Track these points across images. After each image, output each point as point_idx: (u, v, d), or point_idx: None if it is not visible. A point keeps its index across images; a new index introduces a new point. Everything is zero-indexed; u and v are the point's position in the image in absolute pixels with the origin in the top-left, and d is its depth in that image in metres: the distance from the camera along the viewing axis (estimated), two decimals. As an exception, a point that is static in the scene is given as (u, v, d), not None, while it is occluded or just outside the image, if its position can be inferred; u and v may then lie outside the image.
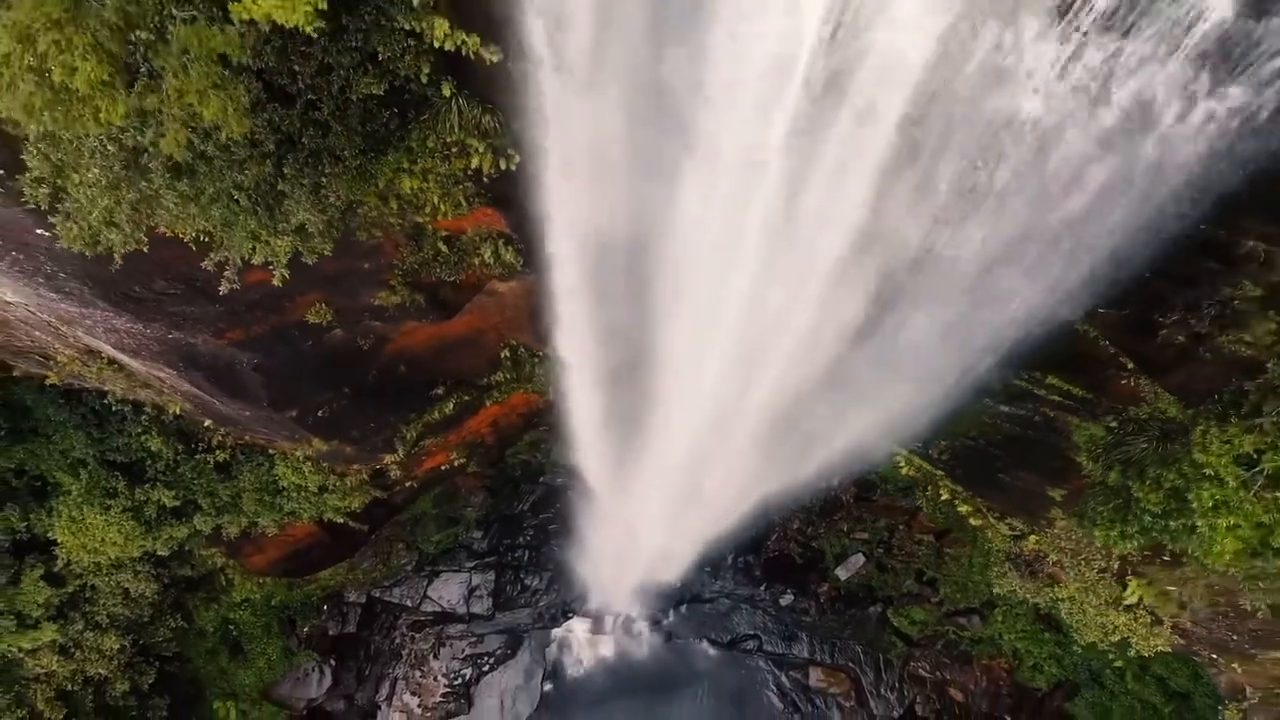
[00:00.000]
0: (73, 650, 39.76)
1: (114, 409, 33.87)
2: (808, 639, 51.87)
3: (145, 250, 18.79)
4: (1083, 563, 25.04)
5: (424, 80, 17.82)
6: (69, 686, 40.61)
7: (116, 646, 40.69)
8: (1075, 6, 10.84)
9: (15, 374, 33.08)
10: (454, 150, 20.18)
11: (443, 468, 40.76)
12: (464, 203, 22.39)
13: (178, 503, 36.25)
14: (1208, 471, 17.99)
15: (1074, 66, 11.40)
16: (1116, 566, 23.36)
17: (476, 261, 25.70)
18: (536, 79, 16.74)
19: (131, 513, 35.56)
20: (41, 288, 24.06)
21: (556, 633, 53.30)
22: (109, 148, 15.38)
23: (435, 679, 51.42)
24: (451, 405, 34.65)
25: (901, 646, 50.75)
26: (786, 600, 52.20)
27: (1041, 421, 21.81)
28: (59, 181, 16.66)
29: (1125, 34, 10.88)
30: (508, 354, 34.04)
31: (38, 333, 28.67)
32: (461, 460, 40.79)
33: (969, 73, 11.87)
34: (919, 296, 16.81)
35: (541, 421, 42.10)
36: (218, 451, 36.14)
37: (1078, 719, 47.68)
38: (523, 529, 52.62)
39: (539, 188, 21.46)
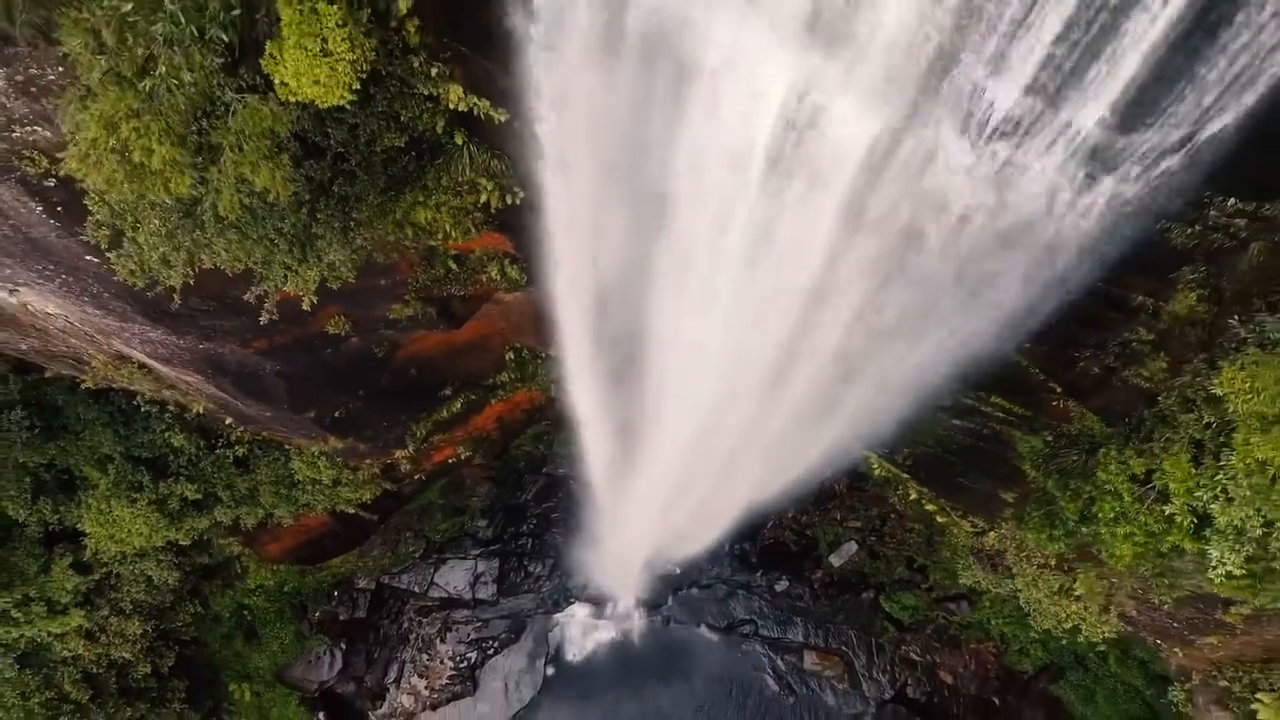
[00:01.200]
0: (98, 635, 42.90)
1: (141, 408, 36.59)
2: (802, 624, 55.05)
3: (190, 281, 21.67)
4: (1024, 559, 28.13)
5: (440, 131, 20.60)
6: (94, 669, 43.88)
7: (139, 631, 43.79)
8: (980, 119, 13.57)
9: (47, 375, 35.88)
10: (465, 188, 22.96)
11: (450, 461, 43.69)
12: (473, 229, 25.16)
13: (199, 495, 39.04)
14: (1108, 487, 21.06)
15: (985, 161, 14.13)
16: (1054, 563, 26.35)
17: (484, 278, 28.54)
18: (539, 135, 19.48)
19: (156, 505, 38.31)
20: (87, 305, 26.93)
21: (559, 618, 56.56)
22: (168, 203, 18.18)
23: (442, 662, 54.65)
24: (459, 404, 37.59)
25: (893, 631, 53.97)
26: (782, 586, 55.37)
27: (990, 434, 24.79)
28: (118, 224, 19.47)
29: (1019, 144, 13.63)
30: (512, 356, 36.90)
31: (74, 340, 31.45)
32: (468, 453, 43.73)
33: (903, 158, 14.64)
34: (874, 329, 19.60)
35: (544, 416, 45.08)
36: (236, 447, 39.05)
37: (1063, 700, 50.97)
38: (526, 518, 55.80)
39: (541, 216, 24.20)
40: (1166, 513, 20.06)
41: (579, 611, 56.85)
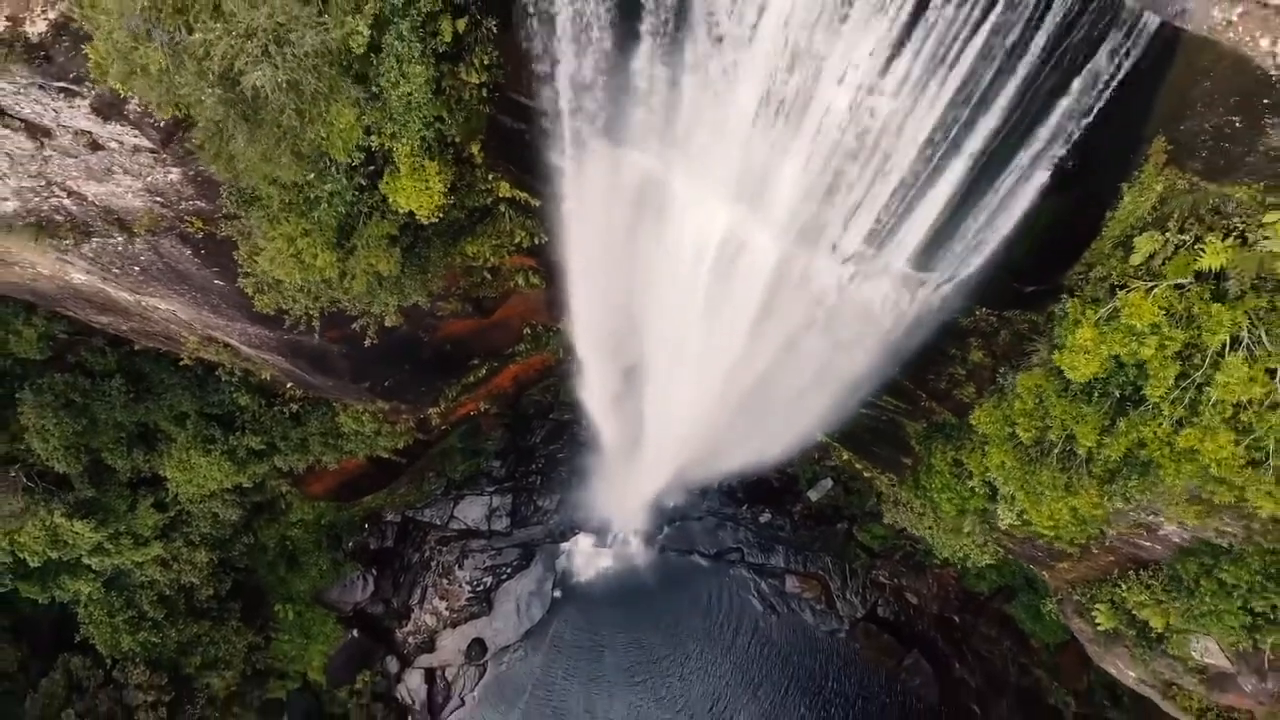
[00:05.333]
0: (171, 563, 54.50)
1: (215, 373, 47.54)
2: (784, 551, 67.39)
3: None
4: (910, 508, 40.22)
5: (489, 204, 31.46)
6: (167, 592, 55.65)
7: (205, 560, 55.43)
8: (839, 253, 24.18)
9: (136, 348, 46.76)
10: (504, 233, 33.85)
11: (472, 413, 55.16)
12: (506, 256, 36.07)
13: (262, 446, 50.29)
14: (937, 469, 32.65)
15: (844, 274, 24.86)
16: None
17: (511, 284, 39.48)
18: (561, 212, 30.32)
19: (227, 454, 49.47)
20: (203, 309, 37.86)
21: (565, 547, 69.18)
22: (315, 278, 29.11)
23: (460, 586, 67.09)
24: (484, 370, 48.85)
25: (865, 557, 66.26)
26: (765, 518, 67.63)
27: (887, 420, 36.11)
28: (268, 284, 30.47)
29: (862, 267, 24.42)
30: (529, 330, 47.95)
31: (173, 326, 42.33)
32: (487, 406, 55.18)
33: (796, 271, 25.32)
34: (799, 360, 30.49)
35: (553, 374, 56.41)
36: (291, 404, 50.23)
37: (1015, 618, 63.23)
38: (535, 458, 67.83)
39: (559, 247, 35.02)
40: (970, 485, 31.74)
41: (583, 541, 69.38)
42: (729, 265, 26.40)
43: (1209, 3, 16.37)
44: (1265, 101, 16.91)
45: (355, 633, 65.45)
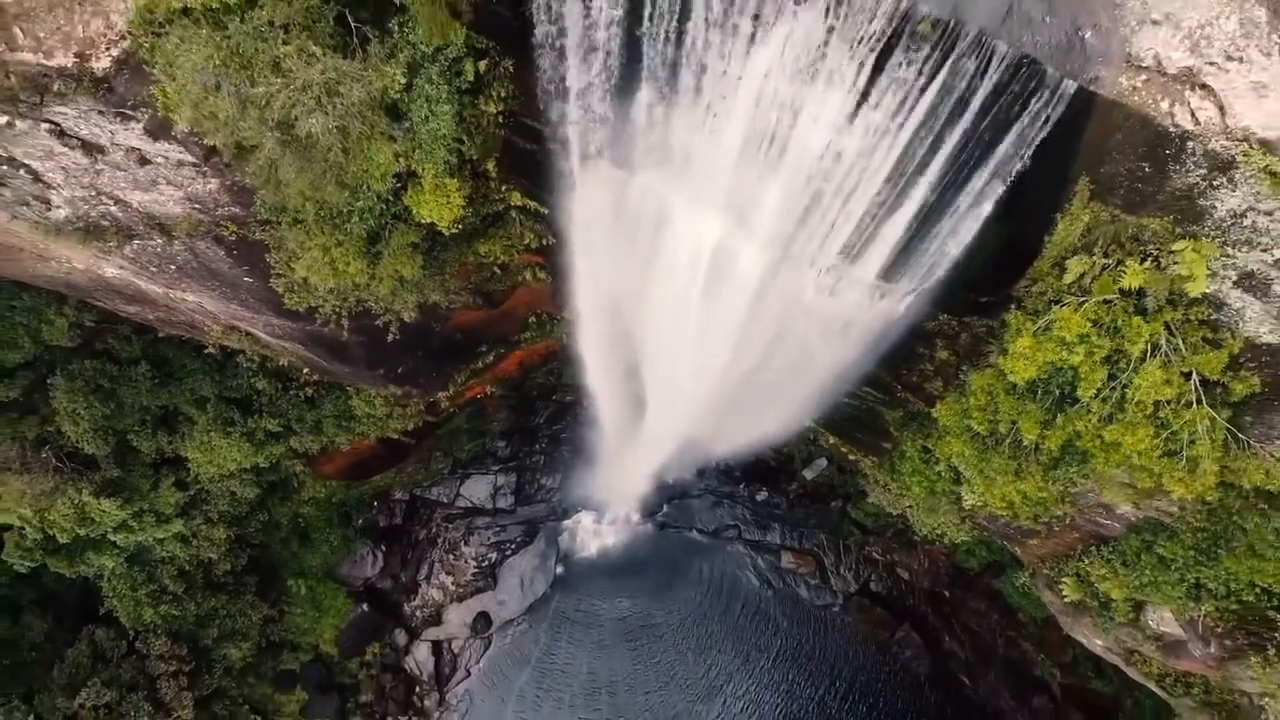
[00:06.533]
0: (191, 539, 58.51)
1: (234, 358, 51.41)
2: (779, 528, 71.79)
3: (330, 303, 36.65)
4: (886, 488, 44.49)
5: (502, 210, 35.26)
6: (186, 567, 59.67)
7: (223, 536, 59.42)
8: (817, 265, 28.05)
9: (160, 335, 50.59)
10: (514, 235, 37.66)
11: (478, 396, 59.11)
12: (516, 255, 39.89)
13: (279, 428, 54.28)
14: (908, 455, 36.81)
15: (823, 283, 28.74)
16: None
17: (519, 279, 43.32)
18: (568, 219, 34.17)
19: (246, 436, 53.47)
20: (232, 303, 41.68)
21: (567, 524, 73.78)
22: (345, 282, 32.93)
23: (466, 562, 71.42)
24: (491, 356, 52.77)
25: (858, 534, 70.60)
26: (761, 496, 71.89)
27: (867, 409, 40.17)
28: (298, 285, 34.32)
29: (839, 278, 28.40)
30: (534, 319, 51.82)
31: (198, 316, 46.13)
32: (493, 389, 59.14)
33: (780, 280, 29.14)
34: (786, 354, 34.49)
35: (556, 359, 60.33)
36: (306, 388, 54.14)
37: (1003, 592, 67.27)
38: (539, 438, 72.01)
39: (564, 250, 38.81)
40: (937, 470, 35.86)
41: (585, 518, 73.94)
42: (720, 272, 30.24)
43: (1117, 71, 20.10)
44: (1167, 152, 20.67)
45: (365, 607, 69.73)
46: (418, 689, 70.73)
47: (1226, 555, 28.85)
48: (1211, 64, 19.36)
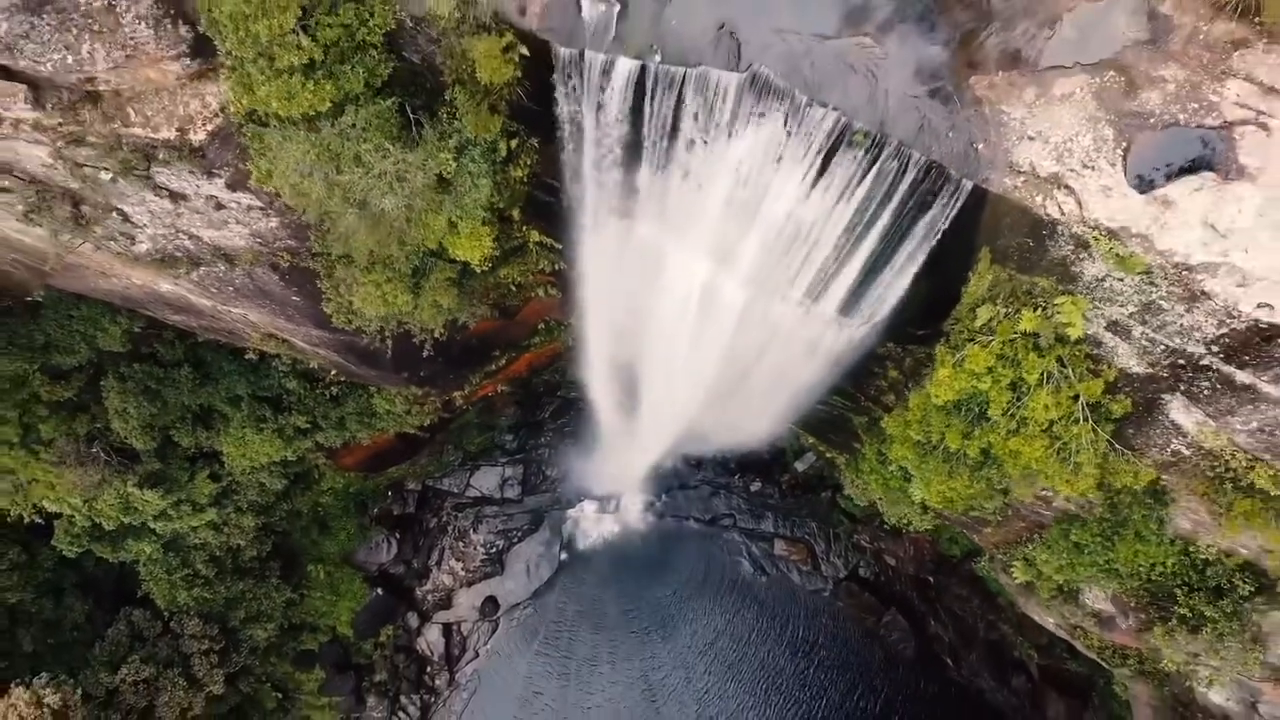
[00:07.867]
0: (222, 527, 66.39)
1: (267, 361, 59.25)
2: (772, 517, 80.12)
3: (371, 322, 44.77)
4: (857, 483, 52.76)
5: (522, 242, 43.32)
6: (217, 553, 67.63)
7: (251, 524, 67.44)
8: (788, 299, 36.01)
9: (200, 340, 58.50)
10: (532, 262, 45.72)
11: (489, 394, 67.29)
12: (531, 276, 47.97)
13: (306, 425, 62.26)
14: (867, 457, 45.18)
15: (792, 312, 37.06)
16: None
17: (532, 295, 51.41)
18: (579, 253, 42.27)
19: (277, 432, 61.43)
20: (278, 318, 49.64)
21: (571, 513, 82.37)
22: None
23: (475, 549, 79.76)
24: (504, 360, 60.92)
25: (847, 523, 78.78)
26: (755, 487, 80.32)
27: (837, 414, 48.48)
28: (348, 307, 42.39)
29: (807, 310, 36.39)
30: (543, 325, 59.93)
31: (240, 325, 54.04)
32: (503, 388, 67.32)
33: (758, 309, 37.16)
34: (766, 369, 42.53)
35: (562, 359, 68.50)
36: (331, 387, 62.10)
37: (984, 579, 75.14)
38: (544, 432, 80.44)
39: (575, 274, 46.84)
40: (890, 469, 44.18)
41: (587, 507, 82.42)
42: (708, 304, 38.43)
43: (1003, 174, 28.08)
44: (1044, 232, 28.68)
45: (379, 591, 78.03)
46: (429, 669, 79.16)
47: (1119, 541, 37.03)
48: (1072, 170, 27.41)
